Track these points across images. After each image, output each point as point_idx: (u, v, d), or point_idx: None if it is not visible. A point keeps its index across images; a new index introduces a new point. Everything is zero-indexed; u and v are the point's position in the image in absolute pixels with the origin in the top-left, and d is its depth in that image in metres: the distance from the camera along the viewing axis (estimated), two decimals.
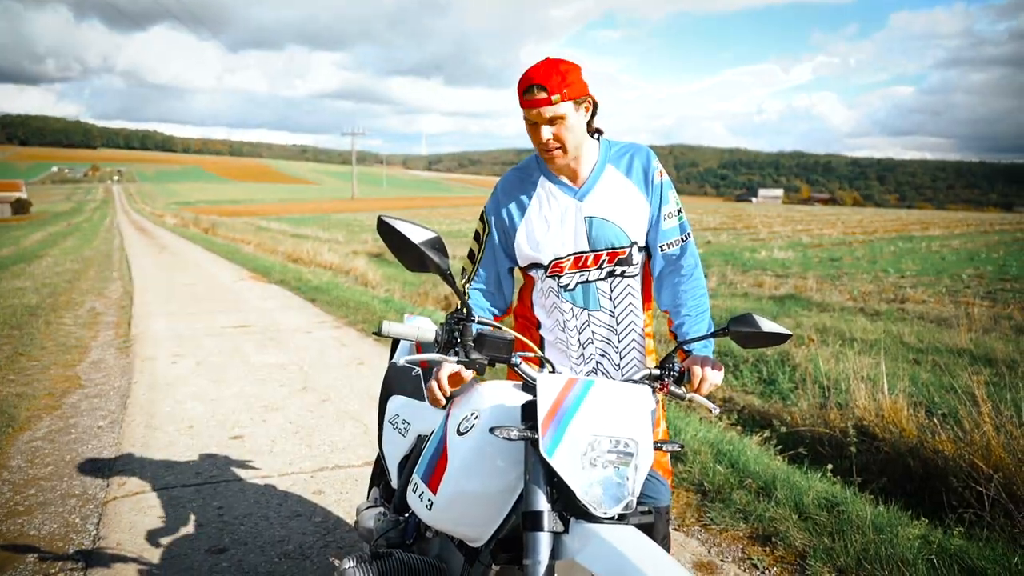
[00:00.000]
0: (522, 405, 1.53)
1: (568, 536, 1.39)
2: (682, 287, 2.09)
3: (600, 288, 2.13)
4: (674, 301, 2.10)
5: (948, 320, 8.84)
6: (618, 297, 2.15)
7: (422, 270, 1.52)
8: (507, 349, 1.58)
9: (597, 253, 2.08)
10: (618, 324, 2.17)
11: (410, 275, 17.44)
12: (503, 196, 2.16)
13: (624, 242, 2.08)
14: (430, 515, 1.63)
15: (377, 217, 1.51)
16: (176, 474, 3.89)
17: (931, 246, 23.52)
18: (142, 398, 5.40)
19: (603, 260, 2.09)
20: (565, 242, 2.08)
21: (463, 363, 1.56)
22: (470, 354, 1.56)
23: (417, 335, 1.57)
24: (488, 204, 2.19)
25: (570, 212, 2.07)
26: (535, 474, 1.43)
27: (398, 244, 1.51)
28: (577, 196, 2.08)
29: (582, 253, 2.09)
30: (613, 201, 2.08)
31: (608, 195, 2.08)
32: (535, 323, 2.29)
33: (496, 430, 1.42)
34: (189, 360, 6.68)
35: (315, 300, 10.88)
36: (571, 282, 2.12)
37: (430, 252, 1.49)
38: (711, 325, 2.08)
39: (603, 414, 1.44)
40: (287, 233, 33.15)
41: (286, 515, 3.40)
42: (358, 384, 5.93)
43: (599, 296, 2.13)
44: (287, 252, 20.18)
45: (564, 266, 2.10)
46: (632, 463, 1.42)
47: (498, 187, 2.20)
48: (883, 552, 3.01)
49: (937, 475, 4.25)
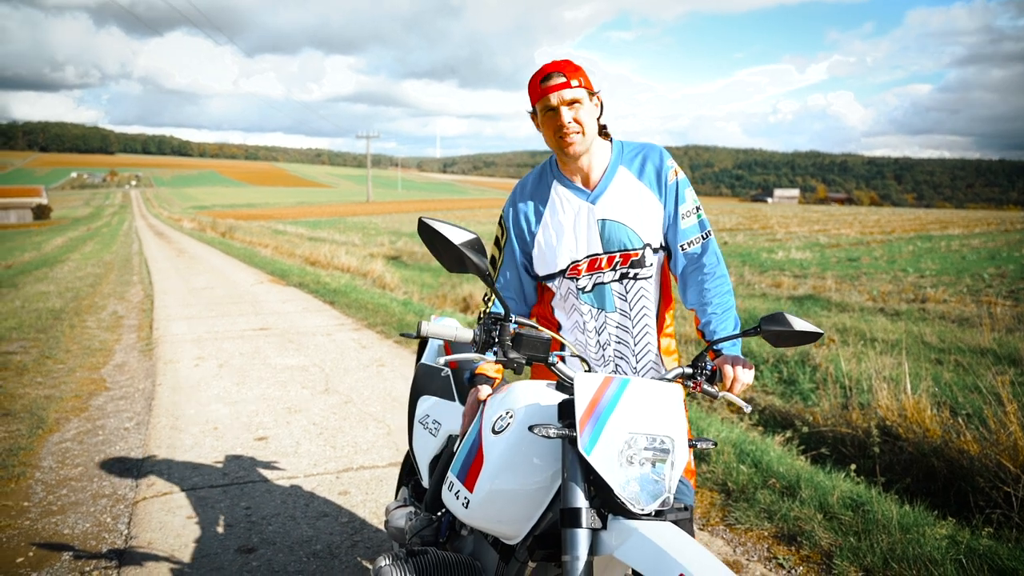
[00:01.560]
0: (559, 404, 1.54)
1: (606, 532, 1.41)
2: (706, 285, 2.10)
3: (614, 290, 2.15)
4: (700, 299, 2.10)
5: (970, 320, 8.76)
6: (632, 299, 2.16)
7: (461, 270, 1.55)
8: (544, 348, 1.60)
9: (611, 255, 2.11)
10: (633, 327, 2.18)
11: (428, 277, 17.52)
12: (520, 202, 2.19)
13: (637, 244, 2.10)
14: (466, 513, 1.65)
15: (418, 219, 1.53)
16: (203, 475, 3.95)
17: (951, 245, 23.29)
18: (166, 400, 5.47)
19: (616, 262, 2.11)
20: (579, 245, 2.11)
21: (501, 362, 1.59)
22: (508, 353, 1.58)
23: (455, 335, 1.60)
24: (505, 209, 2.22)
25: (583, 215, 2.10)
26: (573, 471, 1.45)
27: (438, 245, 1.53)
28: (590, 199, 2.10)
29: (596, 255, 2.11)
30: (625, 203, 2.09)
31: (620, 197, 2.10)
32: (556, 325, 2.30)
33: (535, 428, 1.44)
34: (211, 362, 6.75)
35: (334, 303, 10.95)
36: (588, 284, 2.14)
37: (470, 253, 1.51)
38: (738, 322, 2.08)
39: (639, 412, 1.45)
40: (304, 236, 33.38)
41: (313, 515, 3.44)
42: (379, 386, 5.97)
43: (614, 298, 2.16)
44: (304, 255, 20.32)
45: (581, 269, 2.13)
46: (668, 460, 1.44)
47: (515, 193, 2.23)
48: (910, 552, 2.99)
49: (962, 476, 4.22)
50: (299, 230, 39.92)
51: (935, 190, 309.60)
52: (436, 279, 17.07)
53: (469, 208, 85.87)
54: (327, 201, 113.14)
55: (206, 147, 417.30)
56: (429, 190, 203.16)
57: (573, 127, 2.00)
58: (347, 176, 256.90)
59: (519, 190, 2.22)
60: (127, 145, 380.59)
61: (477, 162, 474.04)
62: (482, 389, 2.00)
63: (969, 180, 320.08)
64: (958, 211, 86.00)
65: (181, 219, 54.39)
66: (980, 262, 17.20)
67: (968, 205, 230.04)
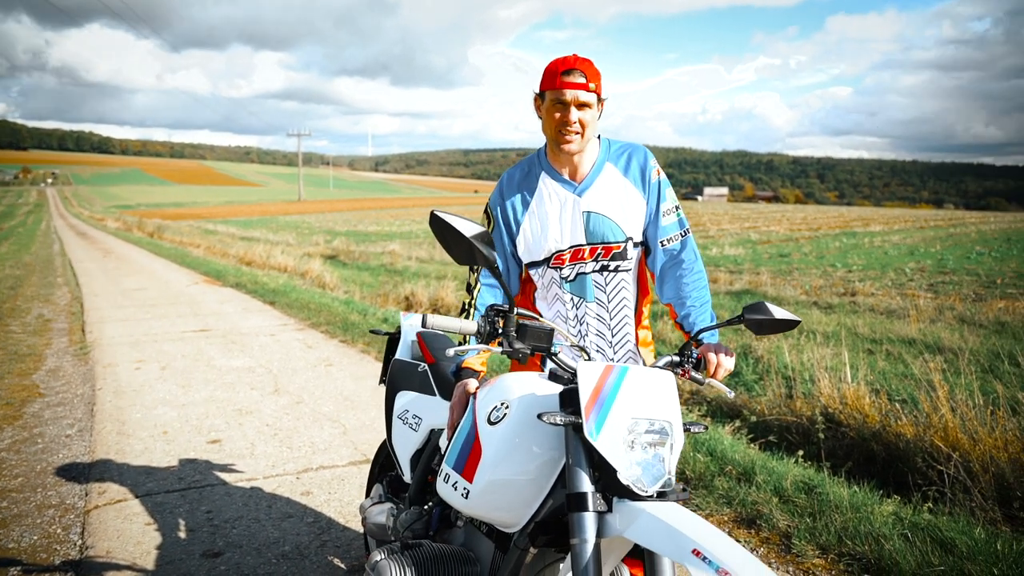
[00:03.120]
0: (560, 393, 1.58)
1: (612, 515, 1.45)
2: (684, 280, 2.17)
3: (595, 280, 2.20)
4: (678, 294, 2.17)
5: (896, 312, 9.22)
6: (612, 291, 2.22)
7: (470, 262, 1.57)
8: (547, 339, 1.63)
9: (593, 246, 2.16)
10: (611, 318, 2.24)
11: (367, 276, 17.31)
12: (507, 191, 2.22)
13: (620, 237, 2.16)
14: (467, 503, 1.66)
15: (431, 212, 1.54)
16: (157, 480, 3.82)
17: (873, 241, 24.41)
18: (109, 405, 5.26)
19: (598, 253, 2.17)
20: (564, 235, 2.16)
21: (507, 352, 1.61)
22: (513, 344, 1.61)
23: (460, 327, 1.61)
24: (492, 198, 2.25)
25: (568, 206, 2.15)
26: (577, 457, 1.49)
27: (449, 237, 1.55)
28: (576, 192, 2.15)
29: (580, 246, 2.16)
30: (610, 197, 2.15)
31: (606, 191, 2.15)
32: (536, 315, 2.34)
33: (544, 416, 1.47)
34: (152, 365, 6.52)
35: (274, 303, 10.73)
36: (571, 273, 2.20)
37: (480, 245, 1.53)
38: (713, 315, 2.16)
39: (640, 398, 1.50)
40: (235, 236, 32.50)
41: (277, 517, 3.38)
42: (330, 386, 5.89)
43: (594, 289, 2.21)
44: (238, 255, 19.81)
45: (564, 258, 2.18)
46: (668, 443, 1.49)
47: (503, 182, 2.25)
48: (862, 529, 3.15)
49: (899, 457, 4.46)
50: (230, 230, 38.83)
51: (855, 188, 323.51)
52: (375, 278, 16.90)
53: (403, 207, 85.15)
54: (257, 200, 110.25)
55: (129, 144, 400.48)
56: (362, 189, 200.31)
57: (576, 127, 2.04)
58: (277, 175, 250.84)
59: (507, 180, 2.25)
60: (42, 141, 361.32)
61: (410, 160, 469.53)
62: (470, 383, 2.02)
63: (886, 179, 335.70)
64: (877, 209, 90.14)
65: (104, 219, 52.10)
66: (901, 257, 18.10)
67: (885, 203, 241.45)
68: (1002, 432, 4.01)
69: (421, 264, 20.21)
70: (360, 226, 46.00)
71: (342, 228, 43.60)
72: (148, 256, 20.53)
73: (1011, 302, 10.42)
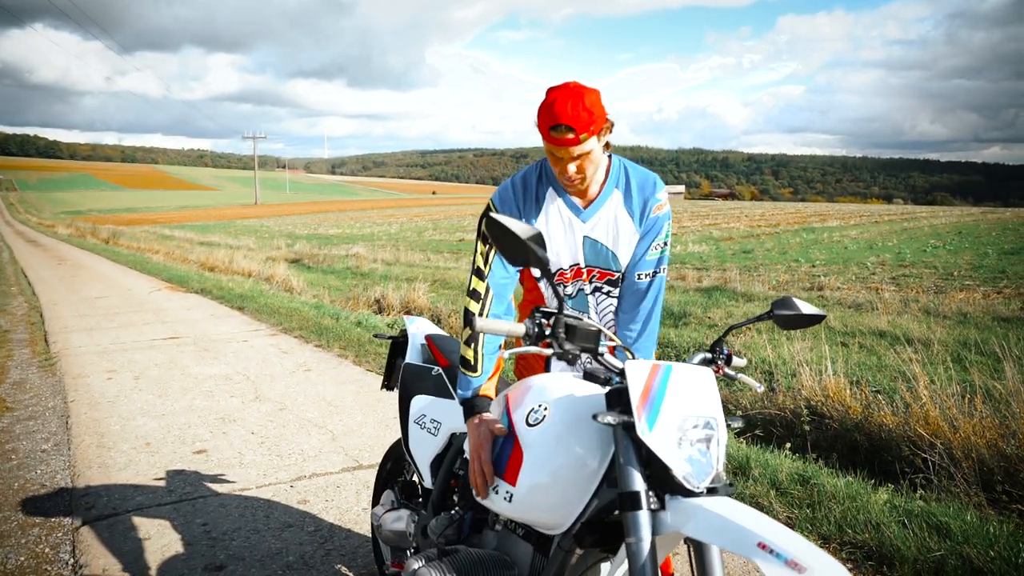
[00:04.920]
0: (608, 392, 1.57)
1: (665, 513, 1.45)
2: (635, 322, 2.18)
3: (588, 301, 2.25)
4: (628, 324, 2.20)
5: (863, 305, 9.44)
6: (602, 312, 2.26)
7: (523, 265, 1.55)
8: (595, 339, 1.62)
9: (590, 268, 2.19)
10: None
11: (334, 280, 17.10)
12: (514, 200, 2.15)
13: (616, 266, 2.18)
14: (510, 507, 1.64)
15: (487, 215, 1.53)
16: (146, 493, 3.71)
17: (832, 236, 24.99)
18: (85, 417, 5.10)
19: (594, 275, 2.19)
20: (564, 256, 2.16)
21: (557, 354, 1.59)
22: (563, 345, 1.59)
23: (509, 329, 1.60)
24: (499, 204, 2.16)
25: (571, 229, 2.13)
26: (628, 456, 1.48)
27: (504, 239, 1.54)
28: (581, 216, 2.12)
29: (579, 266, 2.19)
30: (611, 228, 2.14)
31: (608, 221, 2.13)
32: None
33: (598, 416, 1.47)
34: (125, 375, 6.34)
35: (243, 308, 10.54)
36: (573, 291, 2.23)
37: (534, 246, 1.52)
38: None
39: (687, 395, 1.51)
40: (194, 241, 31.83)
41: (276, 527, 3.31)
42: (311, 391, 5.80)
43: (589, 308, 2.25)
44: (200, 260, 19.41)
45: (567, 275, 2.20)
46: (715, 438, 1.50)
47: (508, 189, 2.16)
48: (860, 518, 3.22)
49: (881, 447, 4.56)
50: (188, 235, 38.03)
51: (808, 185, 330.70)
52: (343, 281, 16.72)
53: (362, 209, 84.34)
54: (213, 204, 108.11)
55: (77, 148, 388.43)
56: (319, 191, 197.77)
57: (576, 178, 1.99)
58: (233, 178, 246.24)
59: (512, 189, 2.16)
60: None
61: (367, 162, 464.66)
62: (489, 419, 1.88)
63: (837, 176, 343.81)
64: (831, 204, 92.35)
65: (55, 225, 50.51)
66: (861, 252, 18.55)
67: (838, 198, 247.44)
68: (979, 419, 4.14)
69: (387, 266, 20.05)
70: (320, 229, 45.45)
71: (302, 231, 43.02)
72: (105, 263, 19.97)
73: (969, 293, 10.76)
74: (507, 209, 2.14)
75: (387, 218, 58.92)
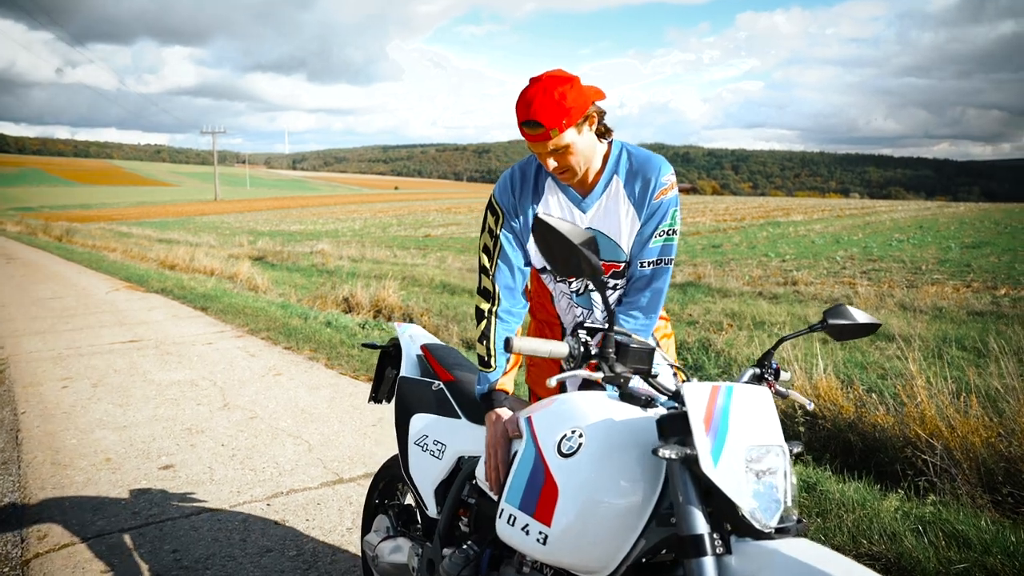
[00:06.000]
0: (660, 419, 1.36)
1: (731, 557, 1.25)
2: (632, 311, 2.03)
3: (594, 298, 2.11)
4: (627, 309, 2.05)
5: (839, 300, 9.42)
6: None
7: (574, 273, 1.34)
8: (649, 360, 1.41)
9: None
10: None
11: (299, 278, 16.67)
12: (515, 191, 2.04)
13: (621, 257, 2.03)
14: (545, 549, 1.43)
15: (535, 216, 1.31)
16: (108, 517, 3.40)
17: (798, 230, 25.23)
18: (37, 431, 4.73)
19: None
20: None
21: (608, 378, 1.38)
22: (614, 367, 1.38)
23: (550, 350, 1.38)
24: (498, 195, 2.05)
25: (573, 219, 2.01)
26: (688, 494, 1.28)
27: (553, 244, 1.34)
28: (581, 207, 2.00)
29: None
30: (612, 216, 2.00)
31: (608, 210, 1.99)
32: (560, 327, 2.27)
33: (659, 450, 1.25)
34: (82, 383, 5.96)
35: (206, 309, 10.14)
36: (580, 287, 2.11)
37: (588, 253, 1.31)
38: None
39: (750, 421, 1.31)
40: (152, 239, 30.93)
41: (254, 551, 3.04)
42: (282, 397, 5.51)
43: (594, 305, 2.13)
44: (159, 258, 18.77)
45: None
46: (782, 470, 1.30)
47: (507, 180, 2.06)
48: (874, 527, 3.07)
49: (877, 447, 4.46)
50: (146, 232, 36.99)
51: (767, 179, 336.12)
52: (308, 279, 16.32)
53: (324, 205, 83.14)
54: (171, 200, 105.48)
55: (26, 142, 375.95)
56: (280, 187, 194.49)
57: (558, 171, 1.87)
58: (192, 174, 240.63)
59: (511, 180, 2.05)
60: None
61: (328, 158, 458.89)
62: (505, 412, 1.80)
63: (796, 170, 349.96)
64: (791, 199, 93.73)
65: (2, 222, 48.72)
66: (828, 246, 18.71)
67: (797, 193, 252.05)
68: (975, 418, 4.04)
69: (354, 263, 19.66)
70: (283, 225, 44.60)
71: (264, 228, 42.17)
72: (59, 262, 19.20)
73: (940, 287, 10.85)
74: (506, 201, 2.02)
75: (350, 214, 58.16)
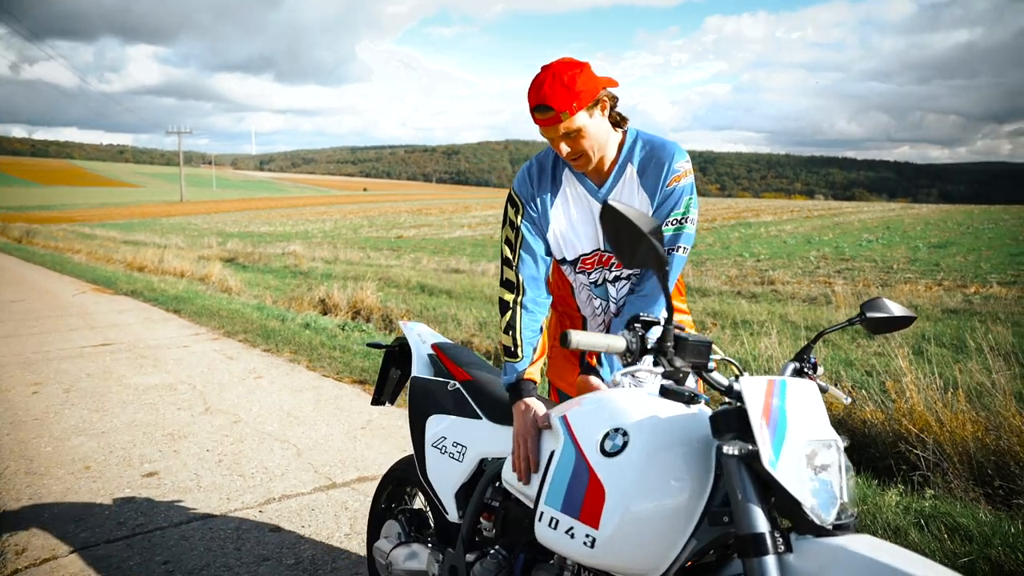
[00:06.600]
0: (714, 415, 1.31)
1: (792, 556, 1.21)
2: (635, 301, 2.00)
3: (609, 290, 2.11)
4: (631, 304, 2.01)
5: (817, 299, 9.53)
6: (620, 300, 2.12)
7: (641, 264, 1.29)
8: (707, 353, 1.36)
9: (611, 254, 2.04)
10: None
11: (272, 279, 16.41)
12: (533, 183, 2.03)
13: None
14: (592, 553, 1.37)
15: (604, 202, 1.25)
16: (91, 528, 3.25)
17: (769, 231, 25.54)
18: (8, 439, 4.53)
19: (613, 261, 2.05)
20: (587, 240, 2.03)
21: (668, 373, 1.32)
22: (673, 362, 1.32)
23: (608, 344, 1.32)
24: (518, 187, 2.04)
25: (588, 210, 2.01)
26: (748, 491, 1.23)
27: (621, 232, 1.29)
28: (597, 197, 1.99)
29: (599, 251, 2.05)
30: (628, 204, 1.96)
31: (623, 197, 1.98)
32: (581, 318, 2.25)
33: (724, 448, 1.21)
34: (54, 388, 5.75)
35: (179, 311, 9.91)
36: (599, 278, 2.08)
37: (656, 242, 1.25)
38: None
39: (806, 415, 1.28)
40: (117, 240, 30.28)
41: (250, 561, 2.93)
42: (265, 400, 5.38)
43: (609, 298, 2.12)
44: (126, 260, 18.34)
45: (591, 262, 2.06)
46: (837, 464, 1.27)
47: (525, 173, 2.06)
48: (878, 522, 3.07)
49: (867, 443, 4.48)
50: (110, 233, 36.21)
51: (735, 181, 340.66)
52: (282, 280, 16.08)
53: (293, 206, 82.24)
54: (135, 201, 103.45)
55: None
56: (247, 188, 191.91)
57: (571, 156, 1.86)
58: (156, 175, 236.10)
59: (529, 173, 2.04)
60: None
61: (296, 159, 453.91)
62: (535, 404, 1.74)
63: (763, 172, 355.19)
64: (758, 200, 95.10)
65: None
66: (800, 246, 18.96)
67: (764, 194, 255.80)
68: (961, 412, 4.09)
69: (328, 265, 19.43)
70: (252, 227, 43.99)
71: (233, 229, 41.54)
72: (20, 264, 18.68)
73: (912, 285, 11.03)
74: (525, 192, 2.01)
75: (320, 215, 57.56)
